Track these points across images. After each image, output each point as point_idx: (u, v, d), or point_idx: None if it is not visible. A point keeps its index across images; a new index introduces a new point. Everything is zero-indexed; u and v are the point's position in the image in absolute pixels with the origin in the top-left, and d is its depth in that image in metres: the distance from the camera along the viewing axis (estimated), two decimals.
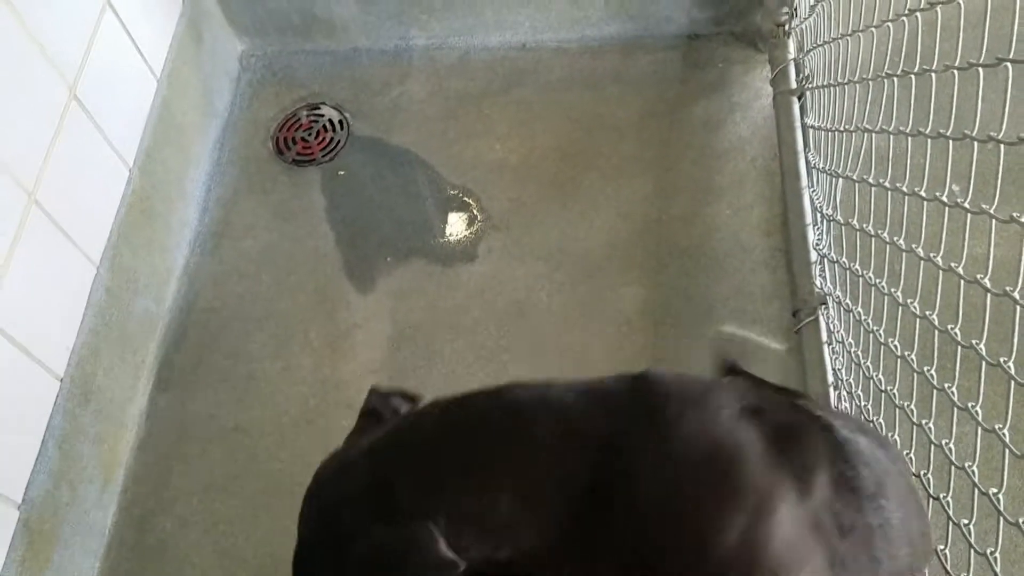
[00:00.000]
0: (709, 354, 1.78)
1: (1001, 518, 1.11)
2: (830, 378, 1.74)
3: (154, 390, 2.06)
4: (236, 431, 1.99)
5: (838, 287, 1.78)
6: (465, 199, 2.25)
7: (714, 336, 1.93)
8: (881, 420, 1.51)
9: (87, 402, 1.83)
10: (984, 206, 1.06)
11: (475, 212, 2.23)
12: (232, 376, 2.06)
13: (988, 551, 1.13)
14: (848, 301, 1.68)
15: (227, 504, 1.90)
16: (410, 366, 2.02)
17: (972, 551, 1.18)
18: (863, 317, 1.59)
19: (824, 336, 1.81)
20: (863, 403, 1.59)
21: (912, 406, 1.39)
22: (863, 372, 1.58)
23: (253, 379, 2.05)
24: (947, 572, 1.25)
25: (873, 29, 1.59)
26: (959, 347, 1.19)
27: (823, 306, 1.84)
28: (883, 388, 1.49)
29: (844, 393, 1.69)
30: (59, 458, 1.73)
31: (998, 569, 1.11)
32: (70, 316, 1.81)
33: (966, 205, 1.13)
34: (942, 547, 1.27)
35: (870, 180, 1.57)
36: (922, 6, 1.34)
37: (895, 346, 1.44)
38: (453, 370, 2.00)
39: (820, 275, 1.89)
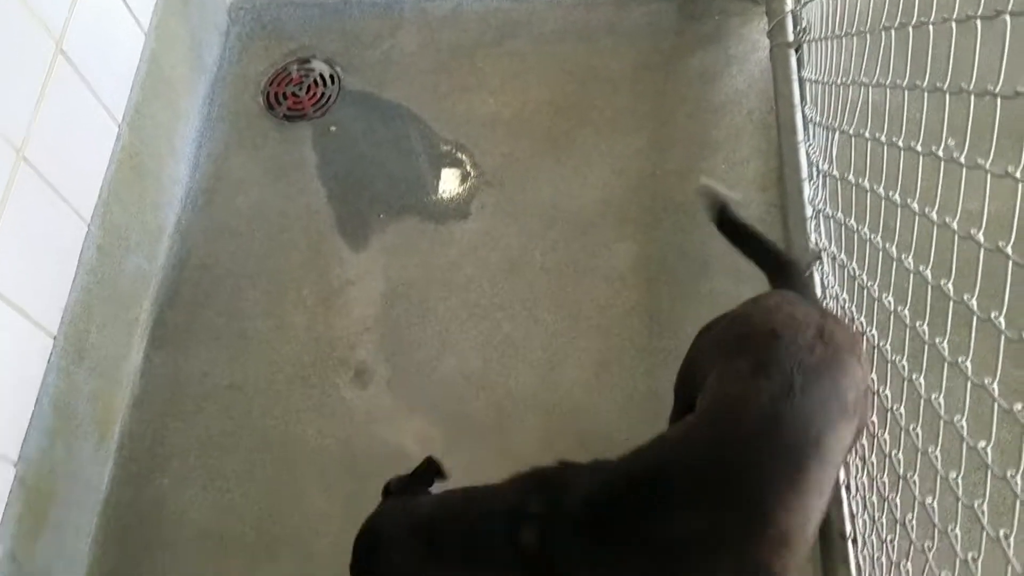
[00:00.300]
0: (701, 201, 1.69)
1: (989, 471, 1.12)
2: None
3: (148, 347, 2.06)
4: (231, 388, 1.99)
5: (833, 243, 1.77)
6: (458, 155, 2.23)
7: (698, 190, 1.89)
8: (873, 375, 1.51)
9: (81, 360, 1.83)
10: (980, 160, 1.05)
11: (468, 168, 2.21)
12: (226, 334, 2.06)
13: (976, 503, 1.14)
14: (843, 257, 1.68)
15: (224, 461, 1.92)
16: (403, 324, 2.02)
17: (960, 504, 1.19)
18: (857, 273, 1.59)
19: (818, 291, 1.81)
20: None
21: (903, 361, 1.39)
22: (857, 328, 1.58)
23: (247, 337, 2.05)
24: (934, 525, 1.26)
25: None
26: (951, 302, 1.18)
27: (817, 261, 1.83)
28: (876, 344, 1.49)
29: None
30: (54, 416, 1.74)
31: (985, 522, 1.12)
32: (62, 274, 1.80)
33: (961, 160, 1.12)
34: (930, 500, 1.29)
35: (866, 135, 1.55)
36: None
37: (888, 301, 1.44)
38: (447, 327, 2.01)
39: (815, 231, 1.88)
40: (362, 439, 1.90)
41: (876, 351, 1.48)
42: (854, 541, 1.64)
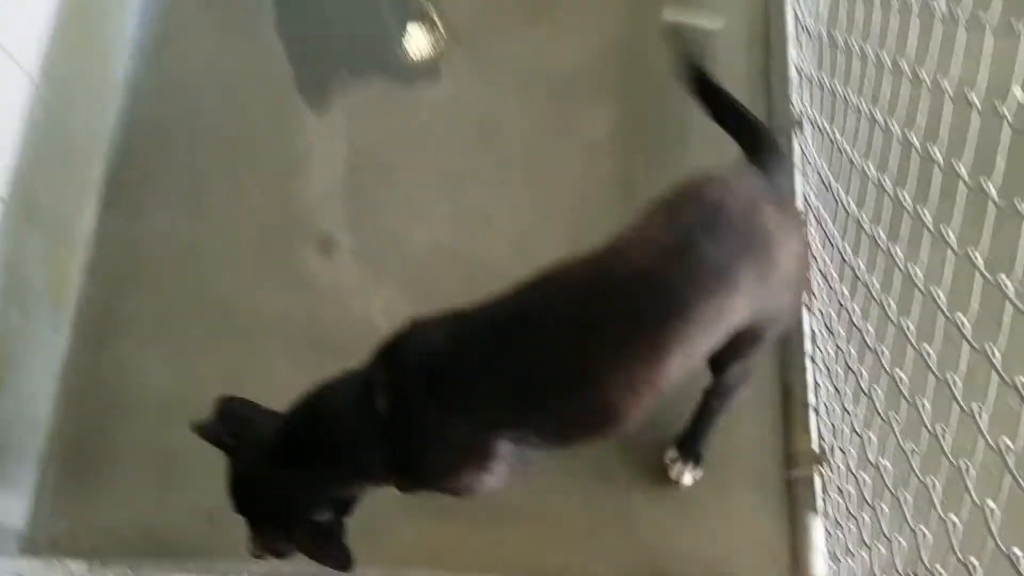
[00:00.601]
0: (667, 46, 1.56)
1: (964, 344, 1.10)
2: (800, 203, 1.71)
3: (102, 209, 1.97)
4: (189, 253, 1.92)
5: (815, 108, 1.71)
6: (427, 10, 2.10)
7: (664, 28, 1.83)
8: (847, 245, 1.49)
9: (31, 222, 1.75)
10: (981, 12, 0.98)
11: (438, 25, 2.09)
12: (181, 196, 1.97)
13: (948, 374, 1.13)
14: (824, 121, 1.62)
15: (184, 327, 1.87)
16: (369, 191, 1.95)
17: (932, 375, 1.18)
18: (838, 138, 1.54)
19: (797, 160, 1.77)
20: (830, 228, 1.56)
21: (880, 229, 1.36)
22: (832, 195, 1.54)
23: (204, 200, 1.97)
24: (903, 396, 1.26)
25: None
26: (937, 168, 1.14)
27: (798, 127, 1.78)
28: (854, 214, 1.45)
29: (812, 218, 1.66)
30: (6, 279, 1.67)
31: (959, 395, 1.10)
32: (9, 132, 1.69)
33: (959, 12, 1.05)
34: (900, 375, 1.28)
35: None
36: None
37: (869, 167, 1.39)
38: (415, 196, 1.94)
39: (798, 95, 1.81)
40: (328, 310, 1.86)
41: (853, 221, 1.45)
42: (816, 410, 1.66)
